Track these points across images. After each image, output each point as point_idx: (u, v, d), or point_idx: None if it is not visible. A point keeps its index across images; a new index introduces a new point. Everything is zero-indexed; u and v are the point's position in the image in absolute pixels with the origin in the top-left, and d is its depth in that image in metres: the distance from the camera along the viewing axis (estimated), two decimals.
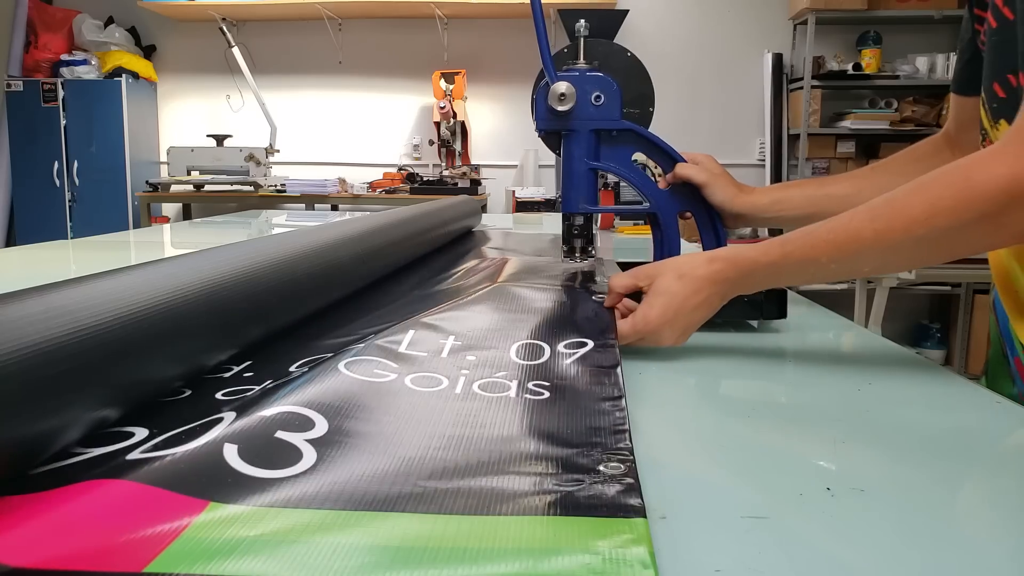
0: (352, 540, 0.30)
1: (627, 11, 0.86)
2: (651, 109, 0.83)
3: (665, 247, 0.82)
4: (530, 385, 0.48)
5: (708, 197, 0.81)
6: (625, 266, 0.94)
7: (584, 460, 0.38)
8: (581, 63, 0.80)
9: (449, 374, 0.48)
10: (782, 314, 0.76)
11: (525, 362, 0.51)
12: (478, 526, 0.31)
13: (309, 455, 0.37)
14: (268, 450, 0.36)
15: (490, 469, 0.37)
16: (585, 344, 0.53)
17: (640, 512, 0.33)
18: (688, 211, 0.83)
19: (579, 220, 0.84)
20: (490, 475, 0.37)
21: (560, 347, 0.53)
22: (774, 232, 3.66)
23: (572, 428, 0.42)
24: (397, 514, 0.32)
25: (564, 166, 0.81)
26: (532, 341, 0.55)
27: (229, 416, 0.39)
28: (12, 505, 0.31)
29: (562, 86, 0.76)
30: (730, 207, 0.81)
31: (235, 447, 0.36)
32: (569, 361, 0.51)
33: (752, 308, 0.75)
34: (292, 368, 0.52)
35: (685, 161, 0.82)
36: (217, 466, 0.34)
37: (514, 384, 0.48)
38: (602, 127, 0.79)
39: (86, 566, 0.27)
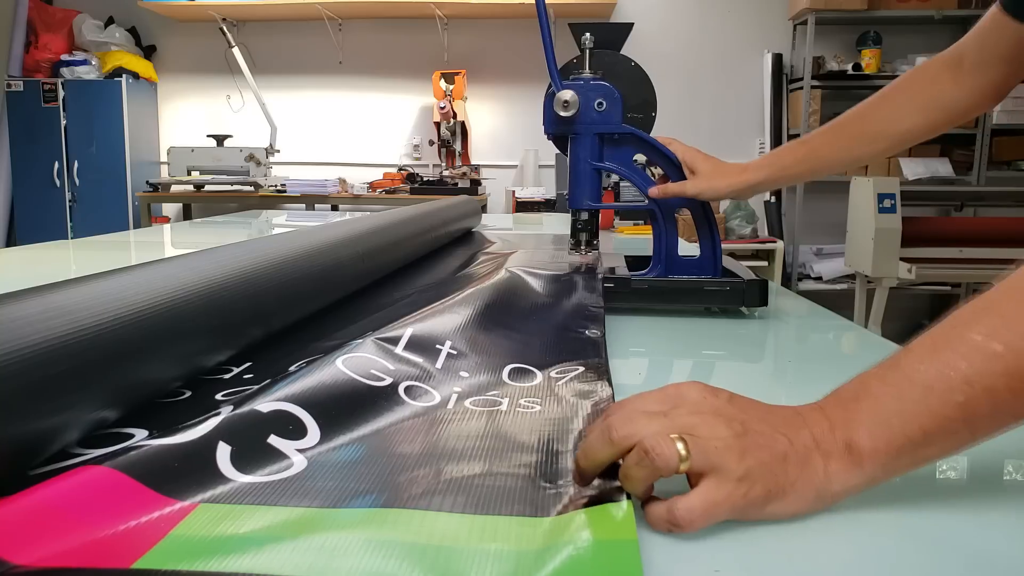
0: (341, 537, 0.30)
1: (632, 24, 0.89)
2: (653, 114, 0.87)
3: (664, 242, 0.86)
4: (522, 401, 0.48)
5: (708, 201, 0.84)
6: (631, 259, 0.94)
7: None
8: (586, 72, 0.85)
9: (442, 391, 0.49)
10: (763, 302, 0.81)
11: (517, 384, 0.52)
12: (467, 524, 0.32)
13: (299, 463, 0.37)
14: (259, 456, 0.36)
15: (481, 469, 0.38)
16: (576, 369, 0.54)
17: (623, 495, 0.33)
18: (685, 207, 0.87)
19: (584, 216, 0.90)
20: (481, 475, 0.37)
21: (552, 372, 0.54)
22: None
23: (562, 431, 0.43)
24: (385, 510, 0.33)
25: (570, 166, 0.86)
26: (524, 366, 0.55)
27: (226, 409, 0.39)
28: (12, 505, 0.31)
29: (566, 94, 0.82)
30: (733, 197, 0.85)
31: (228, 449, 0.36)
32: (561, 383, 0.52)
33: (734, 296, 0.81)
34: (291, 368, 0.52)
35: (678, 162, 0.85)
36: (208, 470, 0.34)
37: (506, 400, 0.48)
38: (604, 131, 0.84)
39: (75, 562, 0.27)
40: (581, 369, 0.54)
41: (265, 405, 0.39)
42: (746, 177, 0.84)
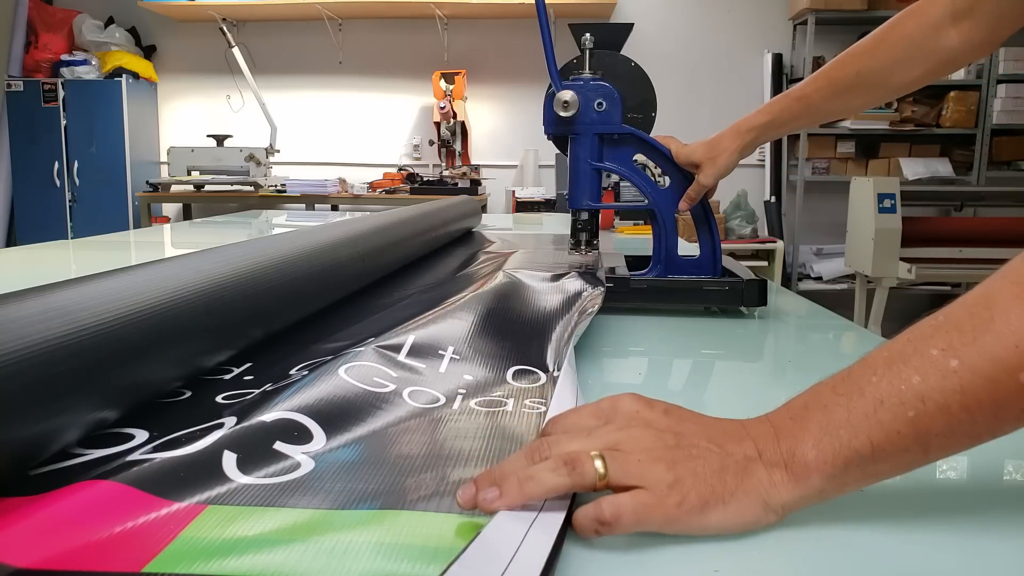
0: (350, 539, 0.30)
1: (632, 24, 0.89)
2: (653, 114, 0.87)
3: (664, 242, 0.86)
4: (527, 402, 0.48)
5: (726, 177, 0.85)
6: (631, 259, 0.95)
7: None
8: (586, 73, 0.85)
9: (447, 393, 0.49)
10: (762, 302, 0.81)
11: (522, 385, 0.52)
12: (475, 526, 0.32)
13: (306, 464, 0.37)
14: (266, 462, 0.36)
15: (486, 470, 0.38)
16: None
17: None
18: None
19: (584, 216, 0.89)
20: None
21: (555, 372, 0.54)
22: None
23: None
24: (394, 512, 0.33)
25: (570, 166, 0.86)
26: (527, 367, 0.55)
27: (230, 421, 0.39)
28: (12, 505, 0.31)
29: (566, 94, 0.82)
30: (741, 158, 0.84)
31: (234, 456, 0.36)
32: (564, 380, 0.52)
33: (733, 296, 0.81)
34: (292, 372, 0.52)
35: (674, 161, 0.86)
36: (215, 474, 0.34)
37: (511, 401, 0.48)
38: (604, 131, 0.84)
39: (86, 566, 0.27)
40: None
41: (269, 416, 0.40)
42: (741, 139, 0.83)
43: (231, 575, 0.27)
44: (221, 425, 0.39)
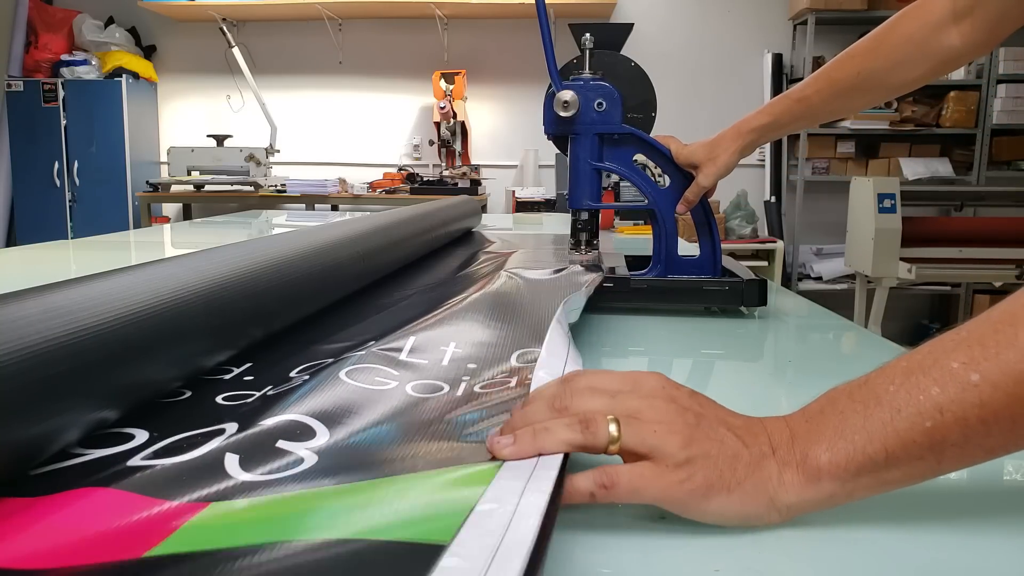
0: (352, 502, 0.30)
1: (632, 24, 0.90)
2: (653, 114, 0.87)
3: (664, 242, 0.86)
4: (530, 375, 0.49)
5: (725, 177, 0.85)
6: (631, 259, 0.95)
7: None
8: (586, 73, 0.85)
9: (450, 381, 0.49)
10: (762, 301, 0.81)
11: (526, 365, 0.52)
12: (477, 475, 0.32)
13: (310, 459, 0.37)
14: (269, 458, 0.36)
15: (478, 424, 0.39)
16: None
17: None
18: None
19: (584, 216, 0.89)
20: (476, 431, 0.38)
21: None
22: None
23: None
24: (391, 478, 0.33)
25: (570, 166, 0.86)
26: (531, 349, 0.56)
27: (231, 427, 0.39)
28: (12, 508, 0.31)
29: (566, 94, 0.82)
30: (741, 157, 0.84)
31: (236, 457, 0.36)
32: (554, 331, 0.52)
33: (733, 296, 0.81)
34: (292, 374, 0.52)
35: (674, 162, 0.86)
36: (218, 474, 0.34)
37: (515, 379, 0.48)
38: (604, 131, 0.84)
39: (85, 560, 0.27)
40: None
41: (271, 420, 0.40)
42: (742, 140, 0.83)
43: (235, 545, 0.27)
44: (222, 432, 0.39)
